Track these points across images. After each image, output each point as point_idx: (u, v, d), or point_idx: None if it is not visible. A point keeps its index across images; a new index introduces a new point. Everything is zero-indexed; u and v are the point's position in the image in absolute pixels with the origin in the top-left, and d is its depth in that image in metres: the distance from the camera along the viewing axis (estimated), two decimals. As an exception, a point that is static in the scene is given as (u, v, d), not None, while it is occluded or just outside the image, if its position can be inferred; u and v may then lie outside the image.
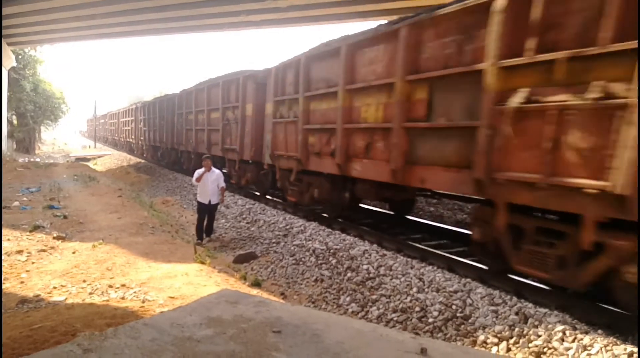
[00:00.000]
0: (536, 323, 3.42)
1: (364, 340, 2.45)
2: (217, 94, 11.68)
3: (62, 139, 53.97)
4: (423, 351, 2.31)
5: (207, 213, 7.41)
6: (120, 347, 2.35)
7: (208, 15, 14.47)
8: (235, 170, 10.80)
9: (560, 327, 3.28)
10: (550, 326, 3.33)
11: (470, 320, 3.75)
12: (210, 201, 7.28)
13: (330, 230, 6.72)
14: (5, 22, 15.91)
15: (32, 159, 21.31)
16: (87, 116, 62.84)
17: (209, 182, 7.24)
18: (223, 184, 7.47)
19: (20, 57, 24.44)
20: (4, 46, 18.50)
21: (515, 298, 3.86)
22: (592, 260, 3.42)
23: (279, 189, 8.96)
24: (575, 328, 3.27)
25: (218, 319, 2.63)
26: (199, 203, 7.40)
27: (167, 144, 17.32)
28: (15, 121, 26.90)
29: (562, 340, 3.18)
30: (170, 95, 17.33)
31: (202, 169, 7.24)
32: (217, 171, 7.43)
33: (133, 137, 25.41)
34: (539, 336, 3.28)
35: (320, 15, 13.82)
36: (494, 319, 3.64)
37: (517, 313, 3.62)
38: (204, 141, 12.75)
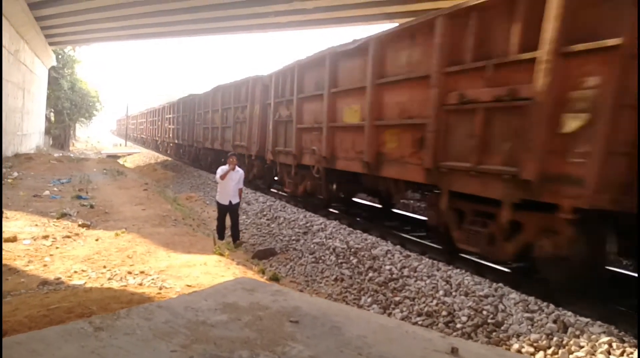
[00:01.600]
0: (577, 333, 3.11)
1: (388, 336, 2.26)
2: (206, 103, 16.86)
3: (95, 137, 56.12)
4: (454, 351, 2.09)
5: (228, 213, 6.86)
6: (132, 327, 2.26)
7: (238, 17, 14.67)
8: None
9: (605, 338, 2.96)
10: (593, 337, 3.01)
11: (502, 327, 3.47)
12: (230, 202, 6.74)
13: (351, 229, 6.52)
14: (46, 23, 16.77)
15: (65, 154, 22.19)
16: (118, 116, 65.60)
17: (232, 181, 6.71)
18: (241, 186, 6.99)
19: (60, 56, 25.58)
20: (46, 45, 19.52)
21: (552, 306, 3.55)
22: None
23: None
24: (623, 341, 2.94)
25: (234, 305, 2.51)
26: (219, 204, 6.87)
27: (161, 138, 27.04)
28: (52, 118, 28.15)
29: (609, 352, 2.86)
30: (166, 103, 24.64)
31: (227, 167, 6.68)
32: (240, 170, 6.92)
33: (144, 134, 35.13)
34: (581, 347, 2.97)
35: (346, 17, 13.73)
36: (529, 327, 3.34)
37: (555, 322, 3.31)
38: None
